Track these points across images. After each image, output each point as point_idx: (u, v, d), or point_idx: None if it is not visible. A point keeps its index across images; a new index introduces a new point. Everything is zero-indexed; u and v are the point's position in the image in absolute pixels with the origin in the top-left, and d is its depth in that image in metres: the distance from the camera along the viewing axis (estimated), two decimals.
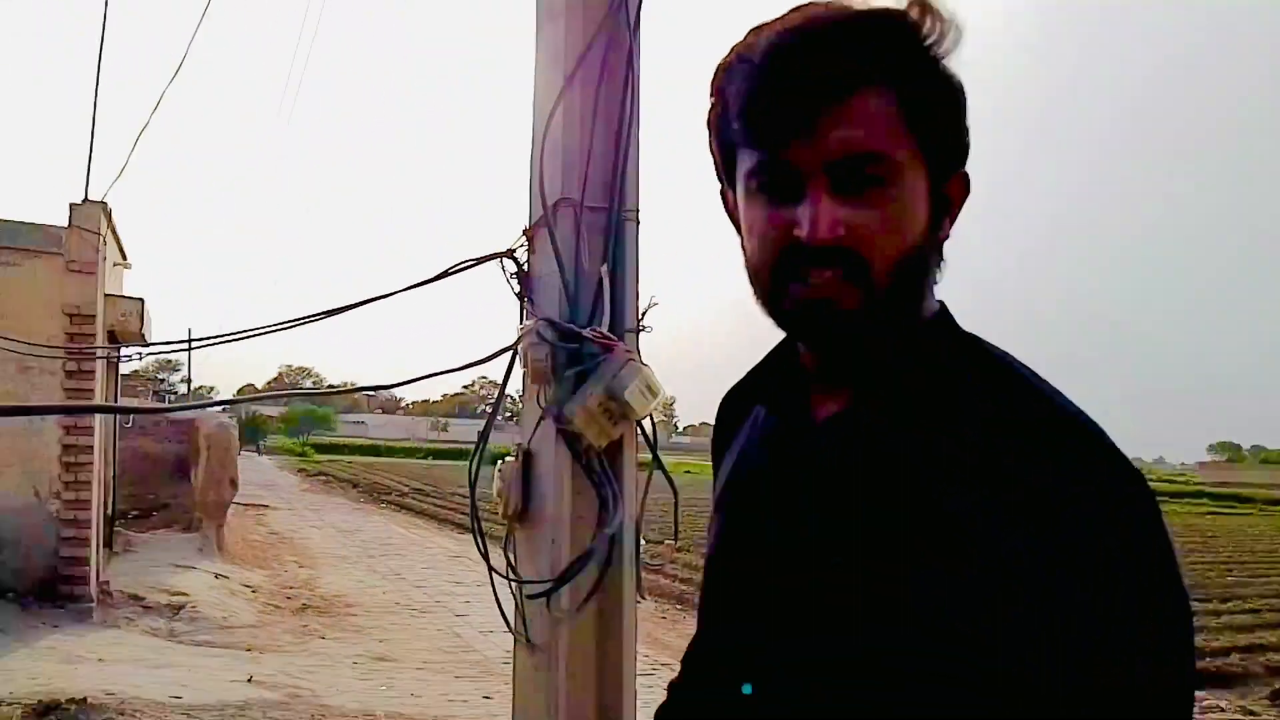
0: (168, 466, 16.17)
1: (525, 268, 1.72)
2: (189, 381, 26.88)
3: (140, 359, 10.85)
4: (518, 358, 1.71)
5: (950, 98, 0.91)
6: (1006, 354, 0.93)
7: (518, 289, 1.73)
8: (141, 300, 10.00)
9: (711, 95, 0.96)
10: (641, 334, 1.76)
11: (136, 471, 14.57)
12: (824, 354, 0.97)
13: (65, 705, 5.64)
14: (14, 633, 7.79)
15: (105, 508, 10.31)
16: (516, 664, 2.73)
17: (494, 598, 1.99)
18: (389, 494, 30.44)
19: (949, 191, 0.93)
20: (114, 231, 9.67)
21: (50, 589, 8.61)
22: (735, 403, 1.14)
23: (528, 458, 1.94)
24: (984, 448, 0.84)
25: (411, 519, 23.45)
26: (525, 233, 1.70)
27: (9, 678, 6.39)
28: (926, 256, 0.92)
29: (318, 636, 9.44)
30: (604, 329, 1.67)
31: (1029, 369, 0.91)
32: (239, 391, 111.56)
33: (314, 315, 2.10)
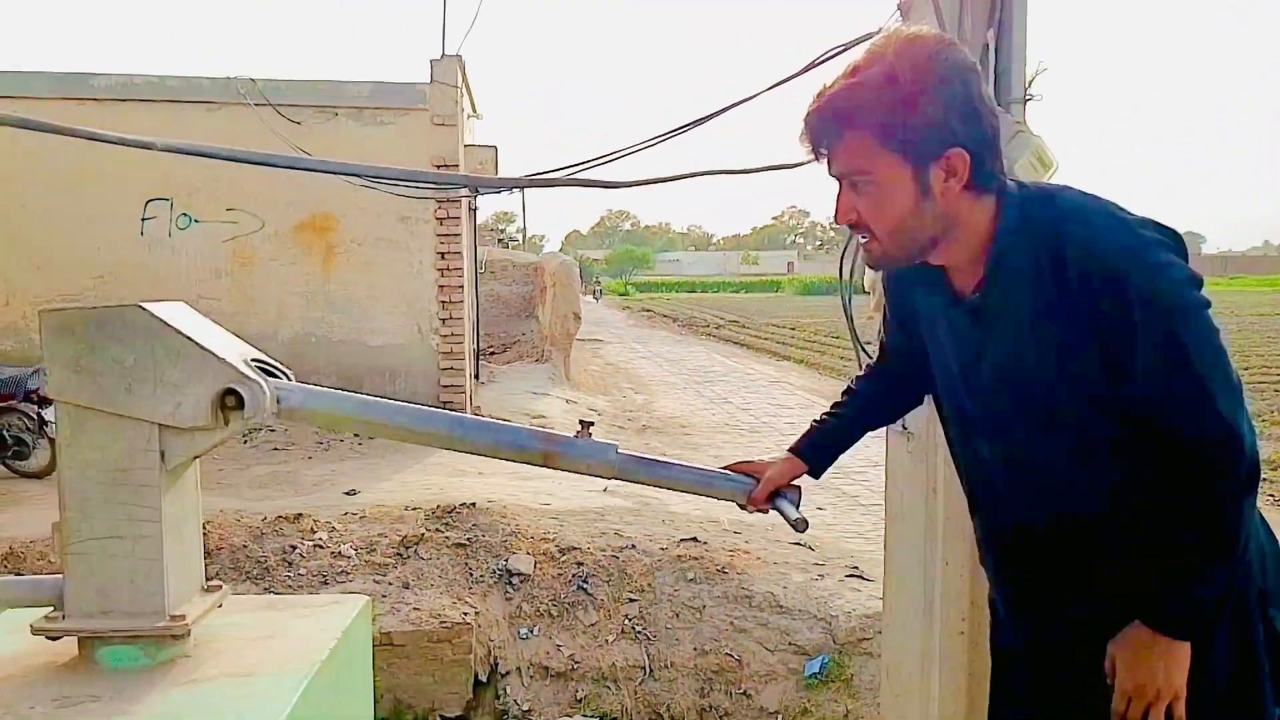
0: (516, 307, 17.73)
1: None
2: (524, 230, 28.83)
3: (476, 211, 11.81)
4: None
5: (912, 121, 1.42)
6: (1072, 200, 1.50)
7: None
8: (495, 148, 10.75)
9: None
10: (1030, 103, 1.62)
11: (490, 313, 16.10)
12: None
13: (458, 508, 6.52)
14: (407, 451, 9.05)
15: (473, 342, 11.54)
16: (890, 453, 2.77)
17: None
18: (706, 326, 31.51)
19: (939, 170, 1.45)
20: (467, 84, 10.38)
21: None
22: (904, 277, 1.73)
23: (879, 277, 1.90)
24: (1063, 283, 1.44)
25: (729, 348, 24.19)
26: (899, 6, 1.59)
27: (409, 488, 7.48)
28: (921, 215, 1.49)
29: (657, 453, 10.14)
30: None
31: (1089, 202, 1.49)
32: (566, 238, 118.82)
33: (679, 129, 2.12)
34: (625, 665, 5.37)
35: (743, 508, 1.92)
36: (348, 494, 7.16)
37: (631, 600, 5.68)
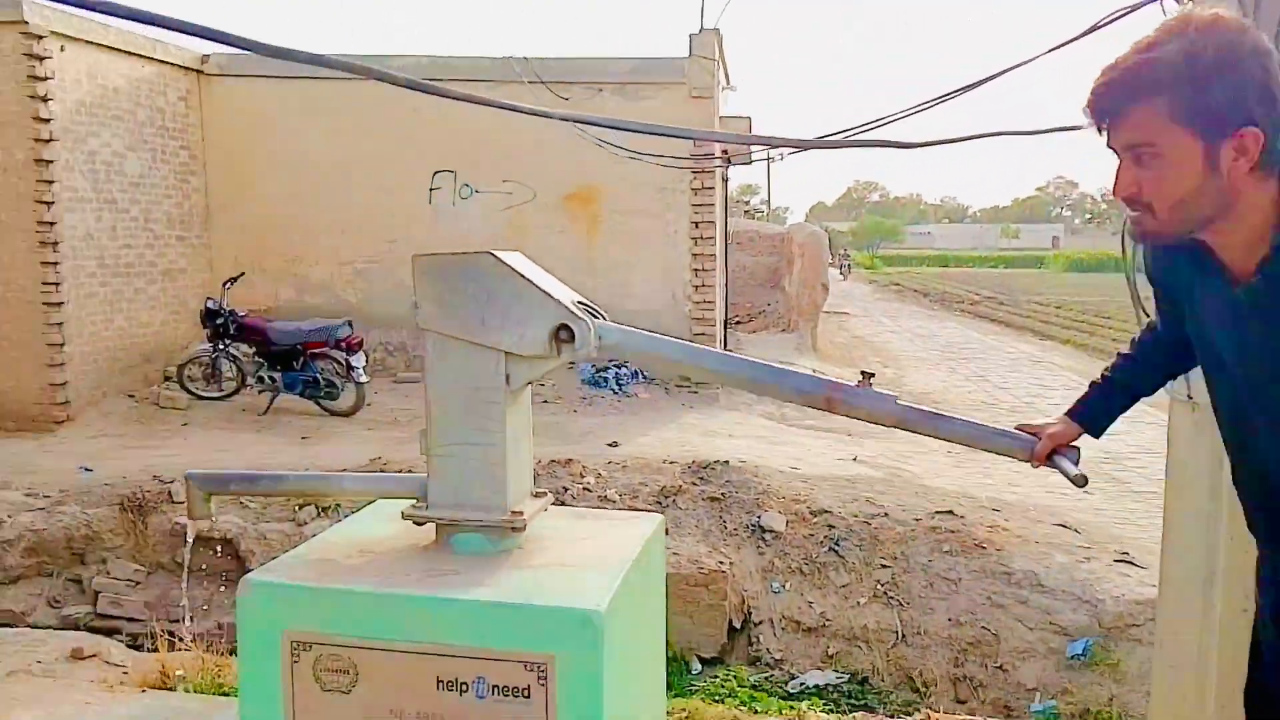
0: (761, 278, 17.87)
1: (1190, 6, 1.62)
2: (768, 202, 28.89)
3: (728, 182, 12.04)
4: None
5: (1221, 90, 1.42)
6: None
7: None
8: (749, 119, 10.94)
9: None
10: None
11: (736, 283, 16.33)
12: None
13: (713, 464, 6.80)
14: (662, 411, 9.48)
15: (722, 311, 11.83)
16: (1172, 423, 2.71)
17: None
18: (960, 302, 30.25)
19: (1235, 147, 1.43)
20: (723, 56, 10.63)
21: (686, 377, 10.24)
22: (1169, 253, 1.70)
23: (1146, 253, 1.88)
24: None
25: (986, 325, 23.15)
26: None
27: (665, 444, 7.85)
28: (1204, 193, 1.47)
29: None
30: None
31: None
32: (810, 210, 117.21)
33: (963, 88, 2.19)
34: (877, 628, 5.44)
35: (1024, 462, 1.98)
36: (610, 445, 7.63)
37: (884, 566, 5.73)
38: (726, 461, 6.82)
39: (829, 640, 5.44)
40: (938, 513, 6.13)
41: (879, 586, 5.60)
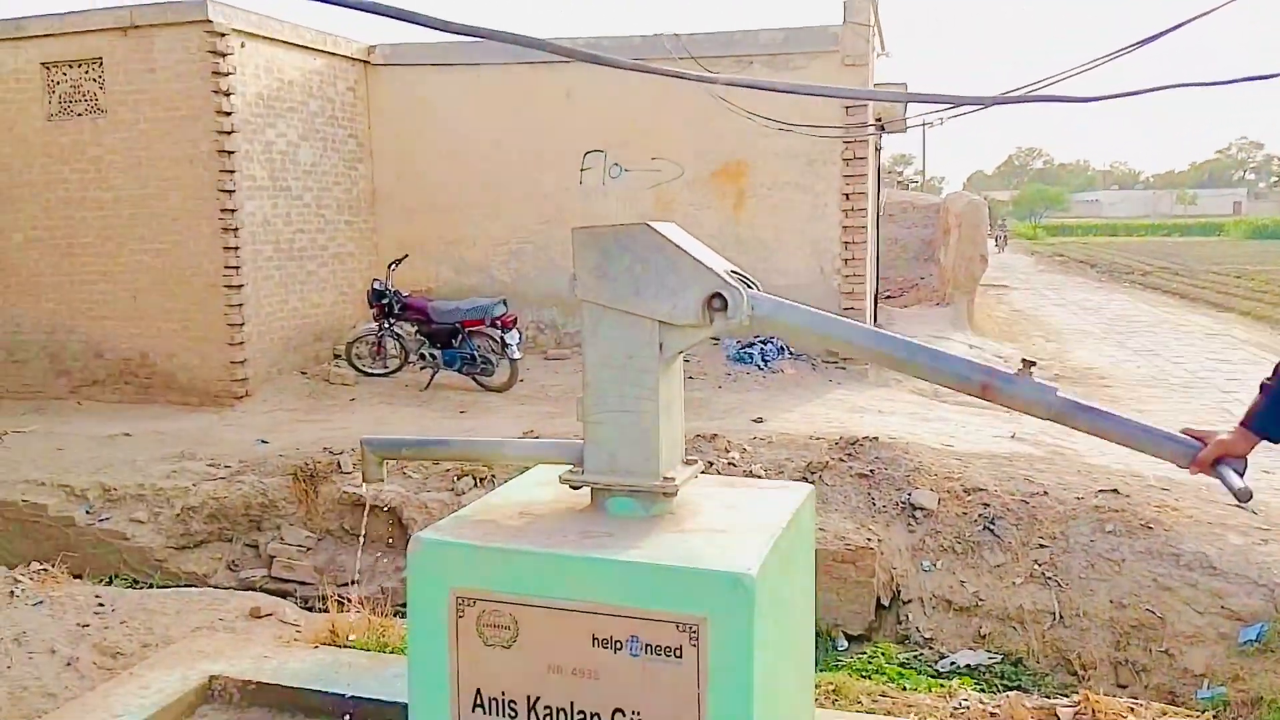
0: (914, 250, 17.39)
1: None
2: (923, 172, 27.99)
3: (880, 152, 11.69)
4: None
5: None
6: None
7: None
8: (904, 84, 10.63)
9: None
10: None
11: (888, 255, 15.94)
12: None
13: (861, 441, 6.71)
14: (808, 387, 9.39)
15: (872, 285, 11.59)
16: None
17: None
18: (1130, 273, 28.56)
19: None
20: (878, 22, 10.37)
21: (833, 352, 10.10)
22: None
23: None
24: None
25: (1158, 297, 21.79)
26: None
27: (811, 419, 7.79)
28: None
29: None
30: None
31: None
32: (968, 179, 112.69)
33: (1126, 48, 2.09)
34: (1033, 609, 5.28)
35: (1183, 468, 1.88)
36: (755, 421, 7.63)
37: (1042, 546, 5.54)
38: (875, 438, 6.72)
39: (981, 620, 5.31)
40: (1101, 491, 5.87)
41: (1036, 567, 5.42)
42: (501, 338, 9.11)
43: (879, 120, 10.02)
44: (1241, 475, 1.81)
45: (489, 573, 1.92)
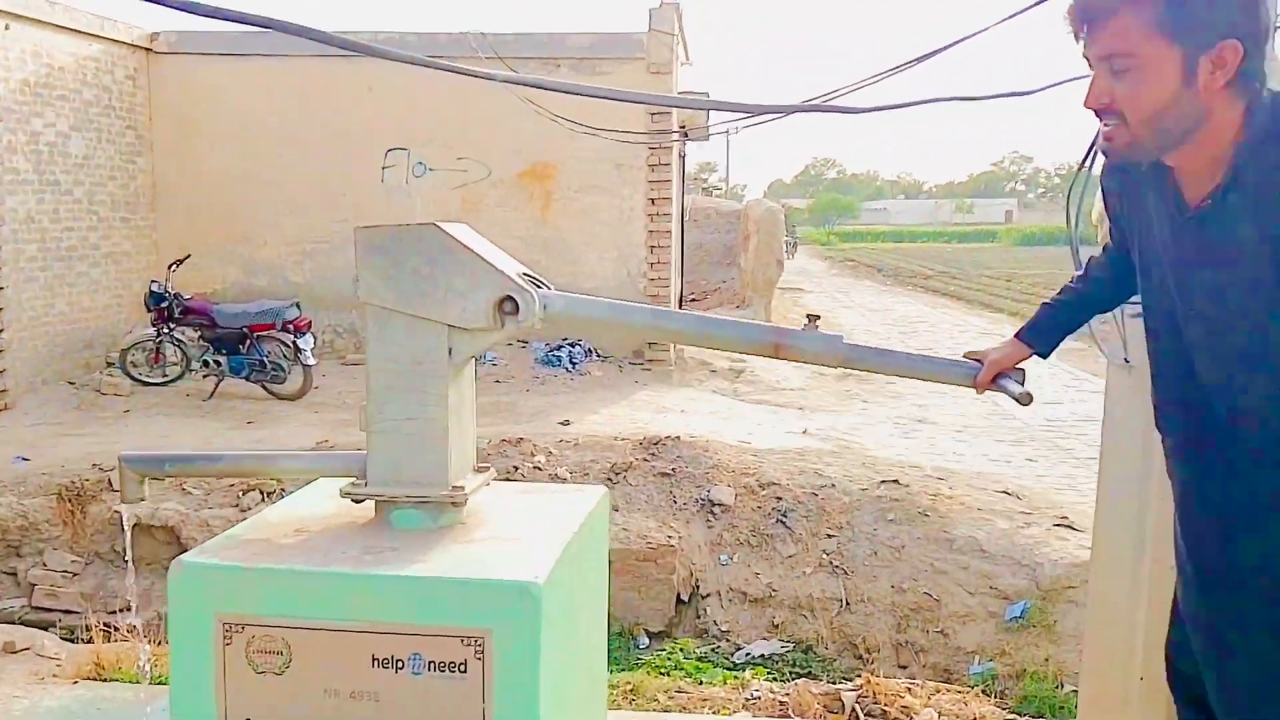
0: (717, 255, 17.92)
1: None
2: (726, 180, 28.92)
3: (685, 159, 12.01)
4: None
5: (1197, 8, 1.42)
6: None
7: None
8: (706, 94, 10.93)
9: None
10: None
11: (692, 260, 16.36)
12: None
13: (664, 440, 6.84)
14: (615, 389, 9.50)
15: (677, 288, 11.85)
16: (1109, 386, 2.79)
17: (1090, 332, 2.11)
18: (913, 277, 30.61)
19: (1213, 59, 1.43)
20: (682, 32, 10.59)
21: (640, 354, 10.28)
22: (1125, 176, 1.71)
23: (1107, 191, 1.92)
24: None
25: (938, 299, 23.46)
26: None
27: (617, 421, 7.88)
28: (1179, 105, 1.46)
29: (859, 400, 10.15)
30: None
31: None
32: (769, 187, 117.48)
33: (903, 65, 2.22)
34: (822, 597, 5.54)
35: (971, 388, 1.98)
36: (562, 424, 7.64)
37: (830, 536, 5.83)
38: (677, 437, 6.87)
39: (775, 610, 5.53)
40: (884, 482, 6.24)
41: (825, 556, 5.70)
42: (294, 343, 8.68)
43: (683, 127, 10.27)
44: (1021, 384, 1.93)
45: (258, 595, 1.80)
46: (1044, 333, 1.97)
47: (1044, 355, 1.97)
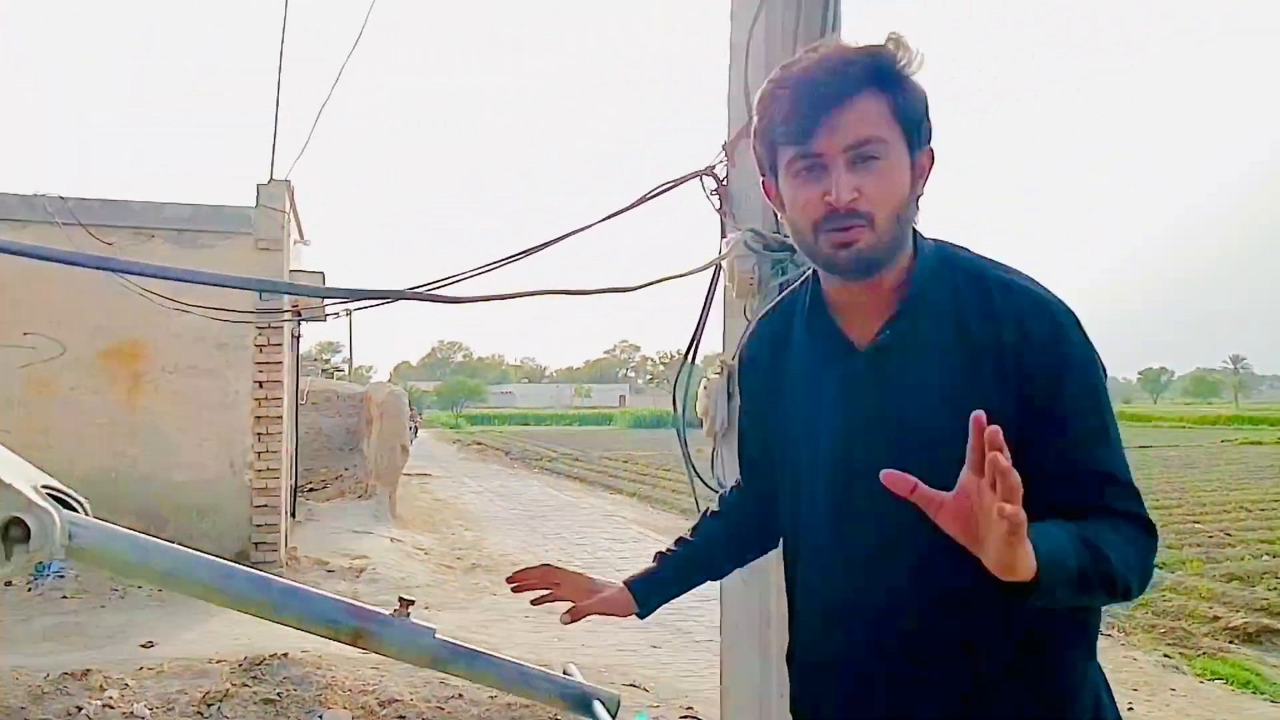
0: (339, 440, 17.03)
1: (725, 183, 1.68)
2: (350, 360, 28.10)
3: (300, 339, 11.42)
4: (722, 273, 1.66)
5: (920, 99, 1.34)
6: (966, 252, 1.43)
7: (718, 205, 1.69)
8: (322, 274, 10.49)
9: (758, 113, 1.39)
10: None
11: (310, 447, 15.39)
12: (854, 280, 1.38)
13: (268, 659, 6.02)
14: None
15: (290, 479, 10.95)
16: (724, 582, 2.73)
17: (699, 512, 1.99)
18: (540, 459, 31.27)
19: (921, 162, 1.36)
20: (295, 209, 10.15)
21: (245, 555, 9.22)
22: (762, 336, 1.60)
23: (731, 373, 1.91)
24: (984, 329, 1.34)
25: (563, 482, 24.03)
26: (724, 148, 1.65)
27: (214, 638, 6.88)
28: (909, 206, 1.36)
29: (489, 594, 9.79)
30: None
31: (981, 257, 1.42)
32: (395, 370, 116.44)
33: (513, 256, 2.11)
34: None
35: (559, 703, 1.73)
36: (144, 646, 6.52)
37: None
38: (285, 654, 6.08)
39: None
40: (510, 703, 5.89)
41: None
42: None
43: (296, 307, 9.75)
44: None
45: None
46: (654, 592, 1.77)
47: (642, 617, 1.78)
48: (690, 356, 2.06)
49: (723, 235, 1.71)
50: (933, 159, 1.37)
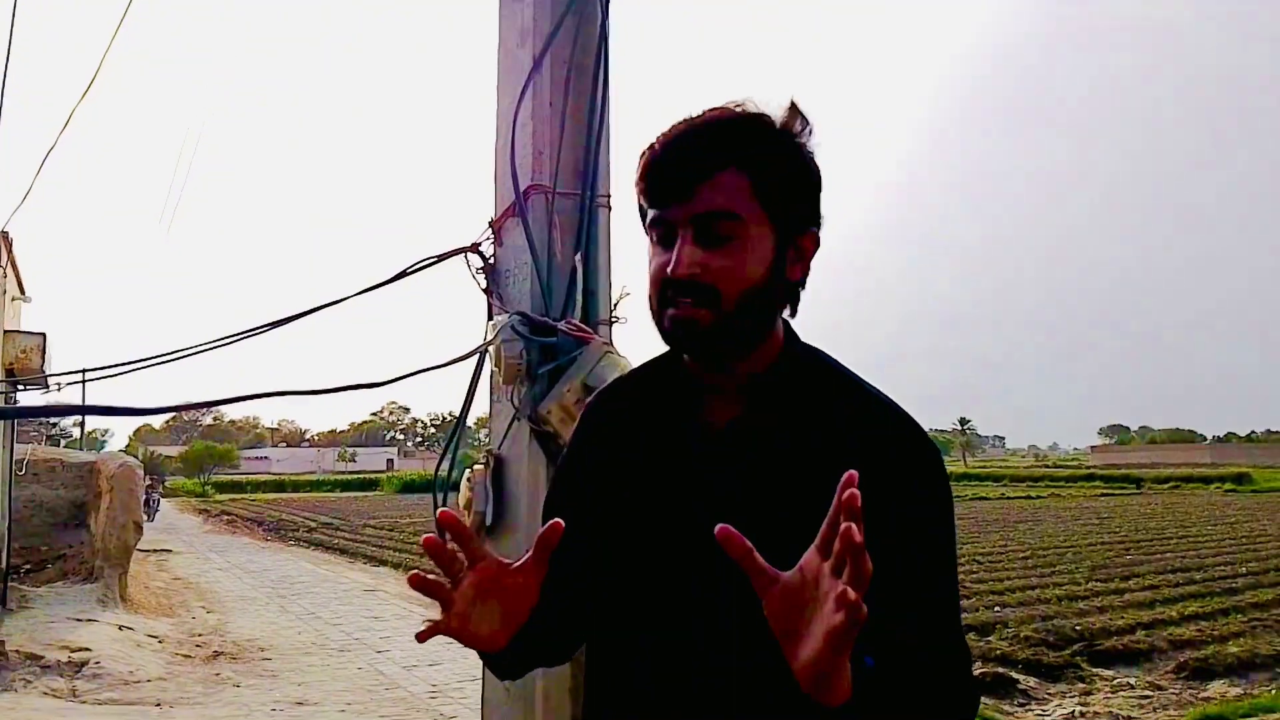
0: (64, 515, 15.26)
1: (492, 261, 1.58)
2: (83, 425, 25.43)
3: (39, 395, 10.16)
4: (488, 357, 1.55)
5: (796, 177, 1.26)
6: (835, 360, 1.35)
7: (484, 284, 1.58)
8: (43, 335, 9.41)
9: (637, 174, 1.31)
10: (615, 325, 1.63)
11: (30, 522, 13.70)
12: (699, 363, 1.31)
13: None
14: None
15: (1, 561, 9.65)
16: (486, 687, 2.56)
17: None
18: (296, 530, 29.40)
19: (801, 244, 1.28)
20: (14, 264, 9.08)
21: None
22: (608, 405, 1.46)
23: (499, 464, 1.78)
24: (847, 437, 1.24)
25: (322, 555, 22.65)
26: (492, 224, 1.56)
27: None
28: (770, 291, 1.26)
29: (231, 685, 8.95)
30: (577, 321, 1.53)
31: (850, 370, 1.35)
32: (135, 434, 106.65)
33: (257, 328, 1.91)
34: None
35: None
36: None
37: None
38: None
39: None
40: None
41: None
42: None
43: (11, 371, 8.70)
44: None
45: None
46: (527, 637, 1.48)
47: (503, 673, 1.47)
48: (451, 452, 1.92)
49: (489, 317, 1.60)
50: (816, 244, 1.29)
